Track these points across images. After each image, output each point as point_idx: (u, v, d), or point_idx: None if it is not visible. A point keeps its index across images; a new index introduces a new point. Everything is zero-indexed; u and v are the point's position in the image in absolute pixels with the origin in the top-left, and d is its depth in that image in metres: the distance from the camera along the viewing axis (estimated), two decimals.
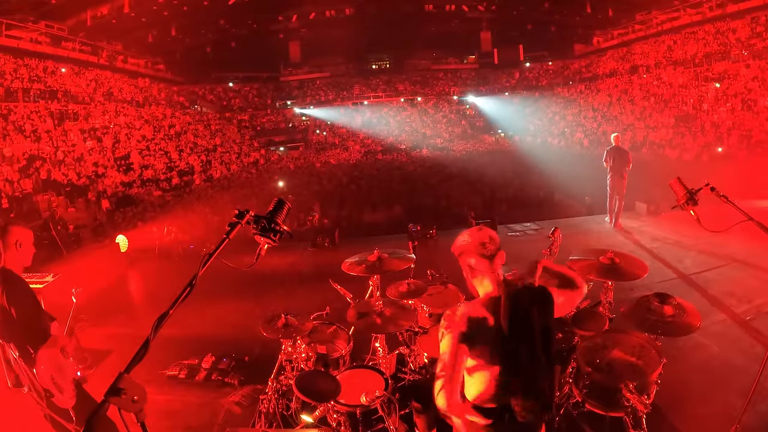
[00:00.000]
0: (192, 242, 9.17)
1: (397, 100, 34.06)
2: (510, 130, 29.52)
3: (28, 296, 2.49)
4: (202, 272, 1.52)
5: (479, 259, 1.91)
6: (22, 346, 2.41)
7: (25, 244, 2.56)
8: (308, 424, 2.90)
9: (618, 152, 7.98)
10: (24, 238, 2.55)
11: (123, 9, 25.76)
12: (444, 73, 36.44)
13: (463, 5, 33.25)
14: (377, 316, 3.20)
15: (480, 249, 1.91)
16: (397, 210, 13.37)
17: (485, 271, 1.92)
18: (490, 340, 1.84)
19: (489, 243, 1.92)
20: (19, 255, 2.53)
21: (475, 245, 1.92)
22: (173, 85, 30.32)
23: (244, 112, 32.28)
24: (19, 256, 2.54)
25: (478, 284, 1.97)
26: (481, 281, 1.95)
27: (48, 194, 12.88)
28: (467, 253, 1.94)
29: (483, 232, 1.96)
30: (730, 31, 21.20)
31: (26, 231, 2.60)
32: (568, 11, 32.22)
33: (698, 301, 4.78)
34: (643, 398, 2.49)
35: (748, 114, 16.46)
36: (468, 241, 1.95)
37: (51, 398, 2.43)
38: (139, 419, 1.26)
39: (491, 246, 1.92)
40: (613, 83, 26.61)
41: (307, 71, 35.48)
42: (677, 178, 2.69)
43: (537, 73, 34.64)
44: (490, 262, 1.90)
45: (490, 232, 1.96)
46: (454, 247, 2.00)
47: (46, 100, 18.65)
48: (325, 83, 35.38)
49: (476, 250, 1.92)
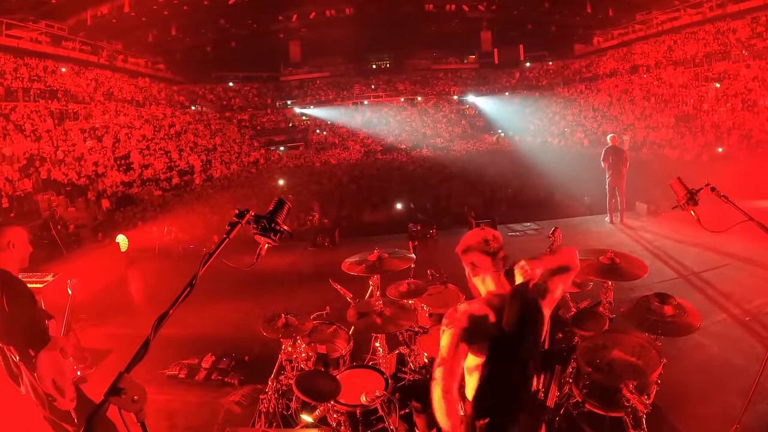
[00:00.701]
0: (192, 242, 9.18)
1: (397, 100, 34.05)
2: (510, 130, 29.51)
3: (25, 297, 2.47)
4: (202, 272, 1.52)
5: (482, 256, 1.93)
6: (22, 348, 2.39)
7: (18, 244, 2.52)
8: (308, 424, 2.90)
9: (615, 152, 8.17)
10: (17, 239, 2.52)
11: (123, 9, 25.76)
12: (444, 73, 36.42)
13: (463, 5, 33.24)
14: (377, 316, 3.20)
15: (483, 246, 1.94)
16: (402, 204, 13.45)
17: (487, 269, 1.94)
18: (490, 337, 1.85)
19: (492, 241, 1.94)
20: (13, 255, 2.50)
21: (478, 243, 1.95)
22: (173, 85, 30.32)
23: (244, 111, 32.28)
24: (14, 257, 2.51)
25: (480, 283, 1.99)
26: (483, 279, 1.97)
27: (48, 194, 12.88)
28: (470, 251, 1.96)
29: (486, 231, 2.00)
30: (731, 31, 21.20)
31: (20, 231, 2.56)
32: (568, 11, 32.21)
33: (698, 301, 4.78)
34: (643, 398, 2.49)
35: (748, 114, 16.46)
36: (471, 239, 1.97)
37: (53, 402, 2.41)
38: (139, 419, 1.26)
39: (494, 244, 1.94)
40: (614, 83, 26.60)
41: (307, 71, 35.47)
42: (678, 178, 2.68)
43: (537, 73, 34.63)
44: (492, 259, 1.92)
45: (494, 232, 2.00)
46: (458, 246, 2.02)
47: (46, 99, 18.65)
48: (325, 83, 35.38)
49: (479, 247, 1.94)
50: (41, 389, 2.38)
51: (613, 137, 8.33)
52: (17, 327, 2.38)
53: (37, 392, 2.42)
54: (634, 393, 2.49)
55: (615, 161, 8.11)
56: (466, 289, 2.16)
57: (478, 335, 1.84)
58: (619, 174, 8.10)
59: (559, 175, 14.60)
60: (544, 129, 27.29)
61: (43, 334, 2.43)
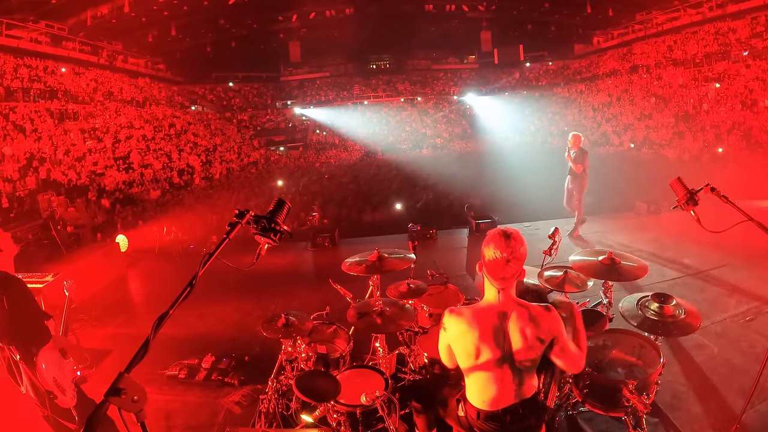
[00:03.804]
0: (192, 242, 9.18)
1: (397, 100, 34.04)
2: (510, 130, 29.47)
3: (26, 297, 2.48)
4: (202, 272, 1.52)
5: (480, 264, 1.97)
6: (23, 347, 2.40)
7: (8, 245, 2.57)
8: (308, 424, 2.90)
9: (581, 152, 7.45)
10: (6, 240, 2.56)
11: (123, 9, 25.73)
12: (444, 73, 36.41)
13: (463, 5, 33.20)
14: (377, 316, 3.20)
15: (483, 256, 1.95)
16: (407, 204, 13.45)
17: (491, 277, 1.94)
18: (474, 345, 1.92)
19: (494, 255, 1.89)
20: (5, 257, 2.54)
21: (484, 251, 1.94)
22: (173, 85, 30.32)
23: (244, 112, 32.27)
24: (6, 258, 2.54)
25: (485, 286, 2.01)
26: (486, 284, 1.99)
27: (48, 194, 12.87)
28: (481, 254, 1.97)
29: (507, 251, 1.88)
30: (730, 31, 21.21)
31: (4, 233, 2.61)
32: (568, 11, 32.17)
33: (698, 301, 4.78)
34: (643, 398, 2.49)
35: (748, 114, 16.46)
36: (485, 244, 1.95)
37: (54, 400, 2.42)
38: (139, 419, 1.26)
39: (508, 270, 1.89)
40: (614, 83, 26.60)
41: (307, 71, 35.45)
42: (677, 178, 2.68)
43: (537, 73, 34.62)
44: (494, 271, 1.92)
45: (516, 253, 1.88)
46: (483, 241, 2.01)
47: (46, 99, 18.65)
48: (325, 83, 35.36)
49: (490, 261, 1.93)
50: (43, 387, 2.39)
51: (577, 136, 7.48)
52: (19, 326, 2.39)
53: (38, 390, 2.43)
54: (634, 393, 2.49)
55: None
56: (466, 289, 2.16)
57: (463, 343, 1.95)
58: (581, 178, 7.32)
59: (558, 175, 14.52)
60: (544, 129, 27.26)
61: (44, 333, 2.45)
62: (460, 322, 1.95)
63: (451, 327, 1.98)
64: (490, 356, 1.91)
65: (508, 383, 1.94)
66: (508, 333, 1.92)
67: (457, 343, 1.97)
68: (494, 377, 1.94)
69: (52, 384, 2.36)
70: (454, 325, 1.97)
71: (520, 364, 1.94)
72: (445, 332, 2.02)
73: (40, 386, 2.40)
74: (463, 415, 2.11)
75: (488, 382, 1.95)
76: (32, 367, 2.38)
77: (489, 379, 1.94)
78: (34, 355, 2.37)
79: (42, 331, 2.46)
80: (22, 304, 2.44)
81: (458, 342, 1.96)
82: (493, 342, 1.91)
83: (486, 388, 1.96)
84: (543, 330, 1.92)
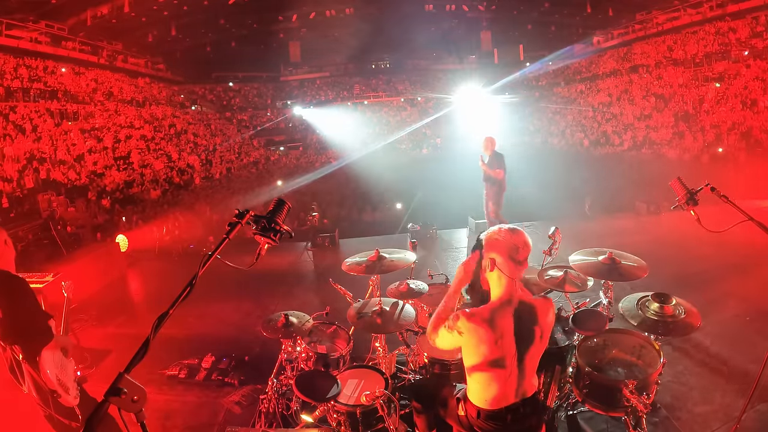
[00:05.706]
0: (192, 242, 9.18)
1: (397, 100, 34.03)
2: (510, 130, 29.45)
3: (28, 296, 2.48)
4: (202, 272, 1.52)
5: (507, 261, 1.90)
6: (26, 347, 2.40)
7: (9, 242, 2.55)
8: (308, 424, 2.90)
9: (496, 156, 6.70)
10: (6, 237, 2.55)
11: (123, 9, 25.71)
12: (444, 73, 36.40)
13: (463, 5, 33.19)
14: (377, 316, 3.20)
15: (512, 252, 1.90)
16: None
17: (510, 274, 1.91)
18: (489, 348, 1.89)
19: (522, 249, 1.90)
20: (7, 253, 2.52)
21: (508, 246, 1.90)
22: (173, 85, 30.30)
23: (244, 111, 32.25)
24: (8, 254, 2.53)
25: (494, 281, 1.96)
26: (498, 281, 1.94)
27: (48, 194, 12.85)
28: (497, 249, 1.92)
29: (518, 236, 1.92)
30: (731, 31, 21.20)
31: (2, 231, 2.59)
32: (568, 11, 32.16)
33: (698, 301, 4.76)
34: (643, 398, 2.49)
35: (748, 114, 16.46)
36: (502, 239, 1.92)
37: (58, 399, 2.42)
38: (138, 419, 1.26)
39: (524, 252, 1.91)
40: (614, 83, 26.59)
41: (307, 71, 35.42)
42: (677, 178, 2.68)
43: (537, 73, 34.58)
44: (516, 267, 1.90)
45: (525, 238, 1.93)
46: (486, 237, 1.97)
47: (46, 99, 18.64)
48: (325, 83, 35.35)
49: (507, 251, 1.90)
50: (47, 386, 2.39)
51: (491, 139, 6.68)
52: (22, 325, 2.39)
53: (40, 390, 2.43)
54: (634, 393, 2.49)
55: None
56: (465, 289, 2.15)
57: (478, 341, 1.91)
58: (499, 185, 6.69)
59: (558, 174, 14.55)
60: (544, 129, 27.26)
61: (47, 332, 2.45)
62: (479, 329, 1.87)
63: (470, 334, 1.89)
64: (501, 355, 1.89)
65: (511, 381, 1.93)
66: (522, 330, 1.91)
67: (472, 347, 1.92)
68: (499, 375, 1.92)
69: (55, 383, 2.36)
70: (473, 333, 1.88)
71: (528, 360, 1.94)
72: (459, 336, 1.92)
73: (43, 385, 2.40)
74: (463, 415, 2.11)
75: (492, 380, 1.93)
76: (35, 366, 2.38)
77: (493, 378, 1.93)
78: (37, 355, 2.36)
79: (45, 330, 2.46)
80: (25, 303, 2.44)
81: (475, 347, 1.91)
82: (506, 341, 1.89)
83: (489, 386, 1.95)
84: (548, 323, 1.97)
